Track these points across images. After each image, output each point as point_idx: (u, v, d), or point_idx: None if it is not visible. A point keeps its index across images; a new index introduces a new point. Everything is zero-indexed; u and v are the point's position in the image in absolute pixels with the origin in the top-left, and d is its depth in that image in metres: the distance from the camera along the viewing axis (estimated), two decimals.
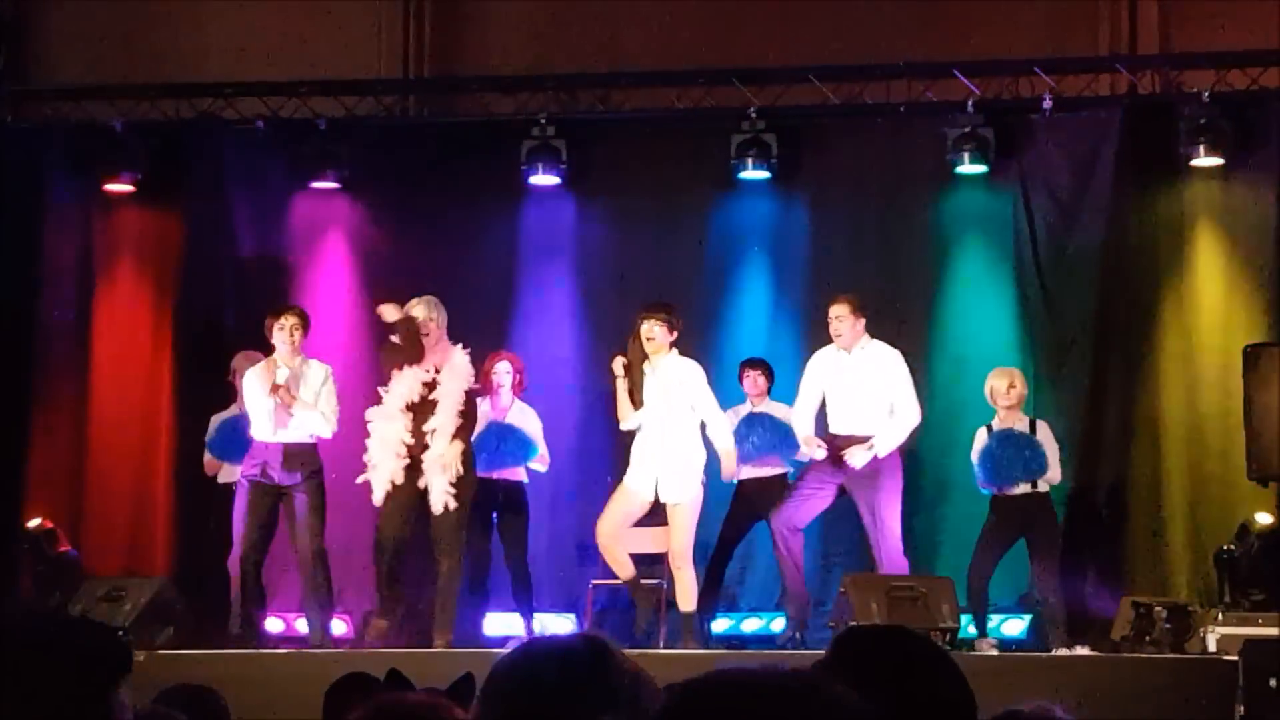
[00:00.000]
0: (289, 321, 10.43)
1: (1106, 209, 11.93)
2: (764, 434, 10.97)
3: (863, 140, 12.29)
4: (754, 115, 12.05)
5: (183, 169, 12.65)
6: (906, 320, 11.99)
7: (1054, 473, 10.72)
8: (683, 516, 10.28)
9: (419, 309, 10.40)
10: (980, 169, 11.92)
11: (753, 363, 11.27)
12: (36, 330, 12.51)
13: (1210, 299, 11.82)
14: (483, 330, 11.28)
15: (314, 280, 12.54)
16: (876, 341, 10.54)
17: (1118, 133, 11.91)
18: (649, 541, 10.78)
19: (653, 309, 10.31)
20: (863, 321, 10.46)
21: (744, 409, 11.14)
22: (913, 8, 12.52)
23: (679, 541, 10.30)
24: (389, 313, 10.39)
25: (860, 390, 10.42)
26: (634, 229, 12.36)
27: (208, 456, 11.42)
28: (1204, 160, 11.69)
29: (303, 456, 10.41)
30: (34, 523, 11.37)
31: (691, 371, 10.29)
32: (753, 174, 12.14)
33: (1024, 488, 10.65)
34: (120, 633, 9.73)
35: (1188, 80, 12.00)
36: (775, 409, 11.07)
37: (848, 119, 12.31)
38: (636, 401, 10.30)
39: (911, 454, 11.63)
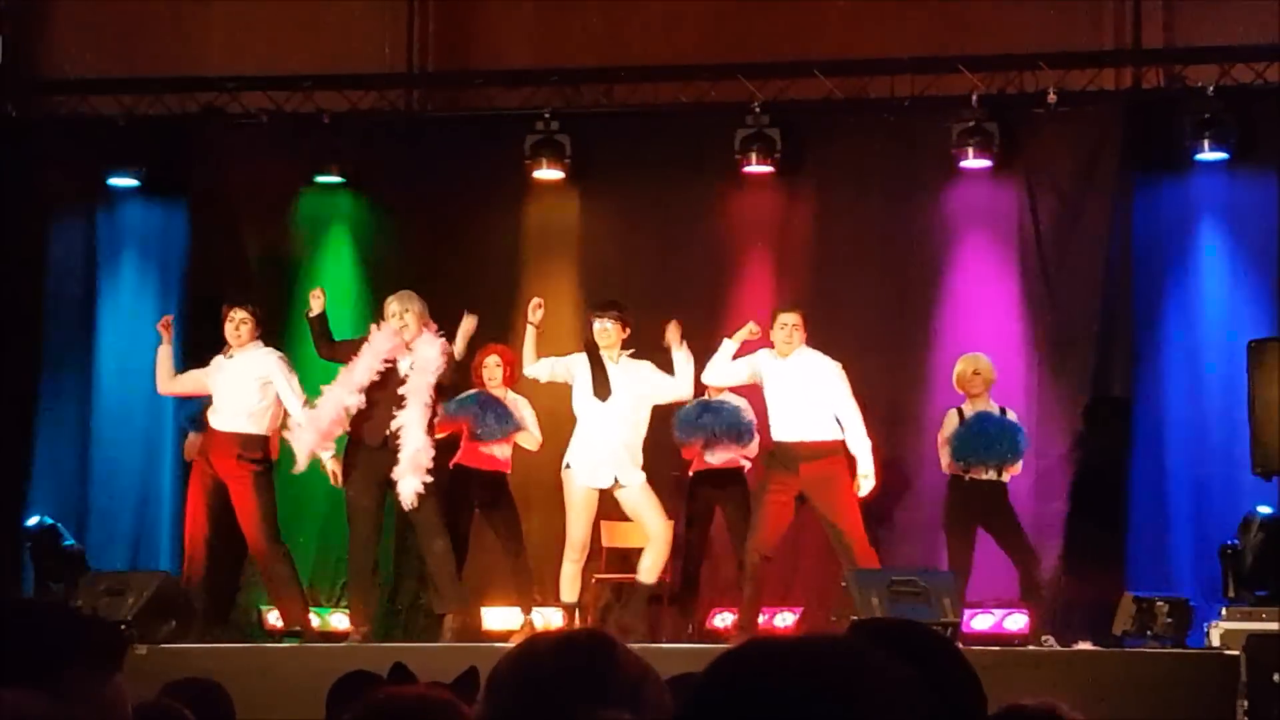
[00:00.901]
0: (237, 315, 10.61)
1: (1110, 203, 11.92)
2: (720, 417, 10.89)
3: (867, 134, 12.28)
4: (758, 109, 12.05)
5: (186, 163, 12.65)
6: (910, 315, 12.00)
7: (1018, 464, 10.72)
8: (647, 496, 10.39)
9: (393, 304, 10.42)
10: (984, 163, 11.90)
11: None
12: (41, 325, 12.51)
13: (1214, 293, 11.82)
14: (485, 324, 11.25)
15: (318, 275, 12.53)
16: (812, 350, 10.52)
17: (1122, 127, 11.92)
18: (638, 536, 10.77)
19: (605, 308, 10.52)
20: (805, 335, 10.48)
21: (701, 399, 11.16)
22: (917, 2, 12.51)
23: (657, 521, 10.38)
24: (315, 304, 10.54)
25: (801, 396, 10.38)
26: (638, 223, 12.36)
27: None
28: (1208, 154, 11.69)
29: (250, 445, 10.52)
30: (33, 521, 11.37)
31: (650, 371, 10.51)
32: (757, 168, 12.13)
33: (991, 474, 10.62)
34: (123, 626, 9.75)
35: (1192, 74, 11.99)
36: (731, 398, 11.02)
37: (852, 113, 12.30)
38: (602, 392, 10.37)
39: (915, 449, 11.65)
